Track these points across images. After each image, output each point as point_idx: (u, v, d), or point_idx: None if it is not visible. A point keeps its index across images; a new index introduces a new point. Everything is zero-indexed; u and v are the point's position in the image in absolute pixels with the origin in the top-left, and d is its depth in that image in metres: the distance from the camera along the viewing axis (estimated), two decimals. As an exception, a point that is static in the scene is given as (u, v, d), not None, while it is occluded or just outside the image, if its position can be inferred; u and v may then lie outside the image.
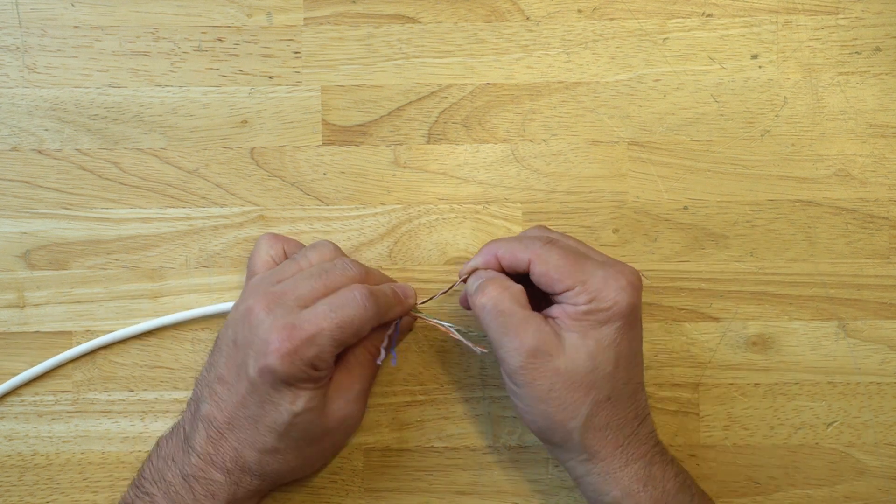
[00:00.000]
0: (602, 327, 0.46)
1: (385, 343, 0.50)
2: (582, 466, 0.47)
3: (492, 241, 0.50)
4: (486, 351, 0.49)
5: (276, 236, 0.52)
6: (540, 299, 0.49)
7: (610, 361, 0.46)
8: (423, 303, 0.51)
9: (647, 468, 0.47)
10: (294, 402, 0.46)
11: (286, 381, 0.45)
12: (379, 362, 0.50)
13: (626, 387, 0.47)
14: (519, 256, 0.47)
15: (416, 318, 0.52)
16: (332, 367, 0.47)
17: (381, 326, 0.49)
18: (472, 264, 0.49)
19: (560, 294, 0.47)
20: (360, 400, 0.49)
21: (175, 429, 0.49)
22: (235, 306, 0.49)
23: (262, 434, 0.46)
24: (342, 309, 0.46)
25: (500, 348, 0.47)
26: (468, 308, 0.49)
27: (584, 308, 0.46)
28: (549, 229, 0.51)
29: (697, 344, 0.54)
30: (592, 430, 0.46)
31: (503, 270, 0.48)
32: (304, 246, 0.52)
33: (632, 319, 0.47)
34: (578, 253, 0.48)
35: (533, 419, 0.47)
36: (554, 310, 0.47)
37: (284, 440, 0.47)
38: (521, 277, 0.48)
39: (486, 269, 0.49)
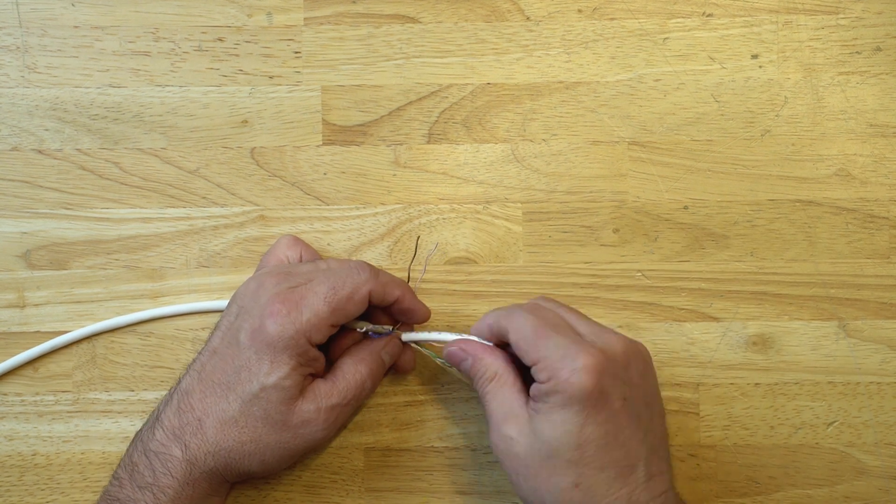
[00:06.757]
0: (561, 411, 0.43)
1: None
2: None
3: (492, 311, 0.48)
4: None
5: (298, 240, 0.52)
6: None
7: (570, 448, 0.43)
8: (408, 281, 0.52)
9: None
10: (269, 374, 0.46)
11: (272, 345, 0.46)
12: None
13: (602, 473, 0.43)
14: (502, 324, 0.47)
15: (403, 345, 0.51)
16: (319, 353, 0.48)
17: (376, 340, 0.50)
18: (453, 343, 0.48)
19: (530, 368, 0.45)
20: (330, 414, 0.48)
21: (151, 414, 0.50)
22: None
23: (229, 401, 0.47)
24: (336, 273, 0.48)
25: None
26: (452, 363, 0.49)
27: (544, 387, 0.44)
28: (553, 300, 0.49)
29: (698, 344, 0.54)
30: None
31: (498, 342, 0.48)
32: (321, 256, 0.53)
33: (596, 402, 0.43)
34: (549, 326, 0.45)
35: (515, 490, 0.46)
36: (532, 387, 0.46)
37: (245, 413, 0.47)
38: None
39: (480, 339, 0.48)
